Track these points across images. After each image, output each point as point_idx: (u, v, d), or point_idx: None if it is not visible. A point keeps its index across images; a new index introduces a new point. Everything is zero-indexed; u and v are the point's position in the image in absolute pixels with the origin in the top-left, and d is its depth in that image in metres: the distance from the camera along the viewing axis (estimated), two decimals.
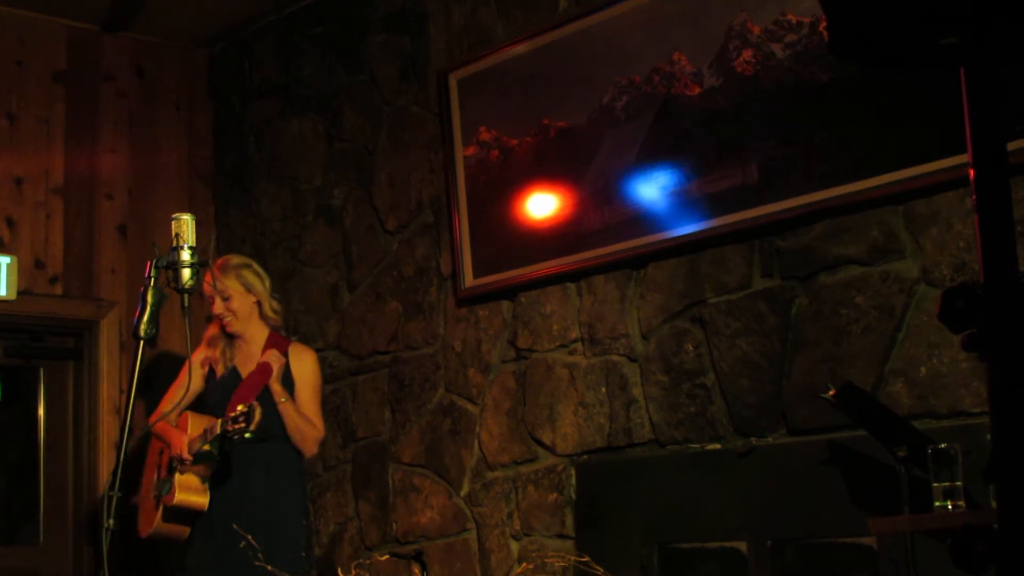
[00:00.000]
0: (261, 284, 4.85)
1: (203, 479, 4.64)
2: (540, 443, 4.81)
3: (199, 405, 4.82)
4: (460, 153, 5.14)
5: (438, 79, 5.27)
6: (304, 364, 4.81)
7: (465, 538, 5.04)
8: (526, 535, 4.81)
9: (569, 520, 4.66)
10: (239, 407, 4.40)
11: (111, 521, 3.18)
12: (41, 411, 6.06)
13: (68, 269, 6.02)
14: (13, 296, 5.76)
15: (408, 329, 5.38)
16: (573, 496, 4.68)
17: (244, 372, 4.80)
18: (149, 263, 3.41)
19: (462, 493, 5.08)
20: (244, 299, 4.79)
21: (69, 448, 6.01)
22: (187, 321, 3.41)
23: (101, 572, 3.14)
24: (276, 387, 4.65)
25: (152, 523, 4.74)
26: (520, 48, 4.96)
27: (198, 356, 4.88)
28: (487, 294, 5.04)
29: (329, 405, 5.69)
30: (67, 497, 5.93)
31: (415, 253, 5.39)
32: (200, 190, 6.47)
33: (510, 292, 4.97)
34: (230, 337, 4.82)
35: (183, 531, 4.71)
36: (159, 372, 6.05)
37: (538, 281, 4.85)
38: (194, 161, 6.49)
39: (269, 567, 3.99)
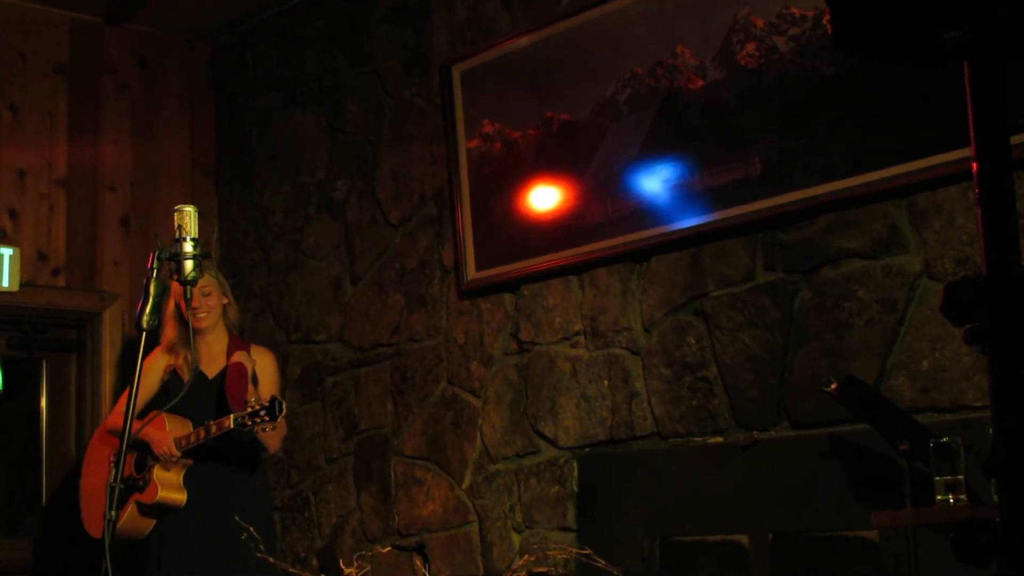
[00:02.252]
0: (228, 288, 5.07)
1: (182, 476, 4.76)
2: (542, 436, 4.81)
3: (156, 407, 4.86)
4: (463, 146, 5.14)
5: (441, 72, 5.27)
6: (266, 366, 4.93)
7: (467, 530, 5.05)
8: (528, 528, 4.81)
9: (571, 513, 4.67)
10: (252, 400, 4.50)
11: (114, 512, 3.19)
12: (43, 403, 6.07)
13: (71, 261, 6.02)
14: (16, 288, 5.77)
15: (410, 321, 5.39)
16: (575, 489, 4.68)
17: (209, 373, 4.90)
18: (152, 255, 3.42)
19: (464, 486, 5.08)
20: (219, 299, 4.95)
21: (71, 440, 6.01)
22: (189, 312, 3.43)
23: (104, 563, 3.15)
24: (250, 387, 4.73)
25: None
26: (523, 41, 4.96)
27: (156, 360, 4.96)
28: (489, 287, 5.04)
29: (331, 397, 5.70)
30: (69, 489, 5.94)
31: (418, 246, 5.39)
32: (203, 182, 6.47)
33: (513, 285, 4.97)
34: (188, 340, 4.79)
35: (146, 526, 4.81)
36: None
37: (540, 274, 4.85)
38: (197, 153, 6.49)
39: (272, 559, 4.02)
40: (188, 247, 3.33)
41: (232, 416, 4.50)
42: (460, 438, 5.12)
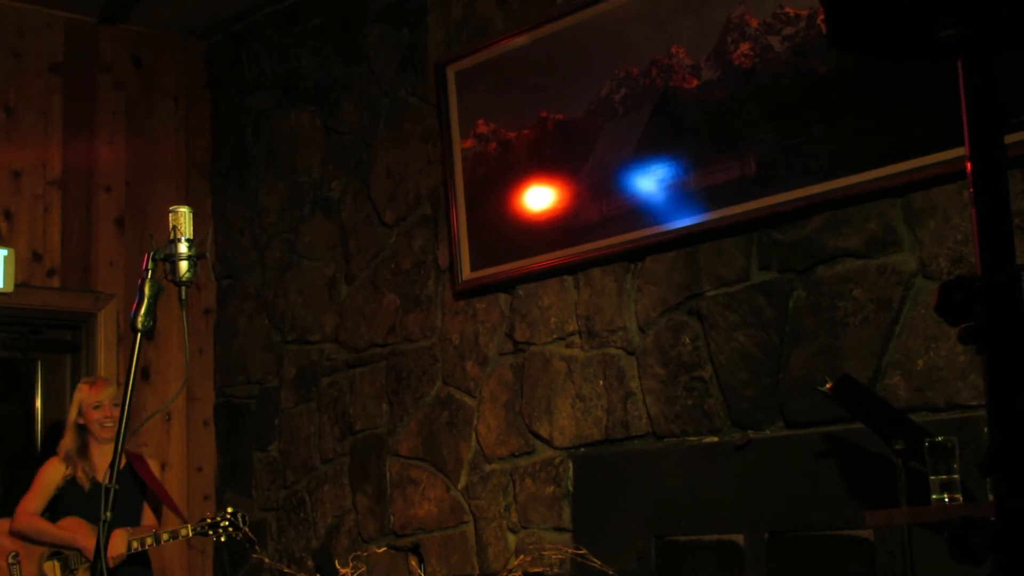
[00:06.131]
0: None
1: None
2: (538, 436, 4.81)
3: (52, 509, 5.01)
4: (458, 145, 5.14)
5: (436, 71, 5.27)
6: (155, 469, 5.22)
7: (463, 530, 5.05)
8: (523, 528, 4.81)
9: (566, 513, 4.67)
10: (229, 510, 4.78)
11: (108, 514, 3.18)
12: (38, 404, 6.06)
13: (66, 261, 6.01)
14: (11, 289, 5.76)
15: (406, 322, 5.38)
16: (570, 489, 4.68)
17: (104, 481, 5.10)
18: (147, 255, 3.40)
19: (460, 486, 5.08)
20: None
21: None
22: (184, 314, 3.41)
23: (99, 564, 3.14)
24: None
25: None
26: (518, 40, 4.96)
27: (55, 468, 5.06)
28: (485, 287, 5.04)
29: (326, 398, 5.70)
30: None
31: (413, 245, 5.39)
32: (198, 182, 6.47)
33: (508, 285, 4.97)
34: (80, 452, 5.03)
35: None
36: (157, 364, 6.06)
37: (536, 274, 4.85)
38: (192, 153, 6.49)
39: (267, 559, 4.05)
40: (183, 248, 3.32)
41: (189, 526, 4.77)
42: (455, 438, 5.12)
